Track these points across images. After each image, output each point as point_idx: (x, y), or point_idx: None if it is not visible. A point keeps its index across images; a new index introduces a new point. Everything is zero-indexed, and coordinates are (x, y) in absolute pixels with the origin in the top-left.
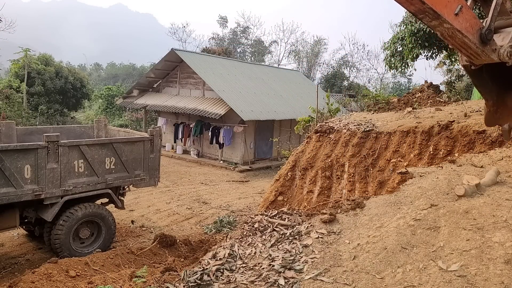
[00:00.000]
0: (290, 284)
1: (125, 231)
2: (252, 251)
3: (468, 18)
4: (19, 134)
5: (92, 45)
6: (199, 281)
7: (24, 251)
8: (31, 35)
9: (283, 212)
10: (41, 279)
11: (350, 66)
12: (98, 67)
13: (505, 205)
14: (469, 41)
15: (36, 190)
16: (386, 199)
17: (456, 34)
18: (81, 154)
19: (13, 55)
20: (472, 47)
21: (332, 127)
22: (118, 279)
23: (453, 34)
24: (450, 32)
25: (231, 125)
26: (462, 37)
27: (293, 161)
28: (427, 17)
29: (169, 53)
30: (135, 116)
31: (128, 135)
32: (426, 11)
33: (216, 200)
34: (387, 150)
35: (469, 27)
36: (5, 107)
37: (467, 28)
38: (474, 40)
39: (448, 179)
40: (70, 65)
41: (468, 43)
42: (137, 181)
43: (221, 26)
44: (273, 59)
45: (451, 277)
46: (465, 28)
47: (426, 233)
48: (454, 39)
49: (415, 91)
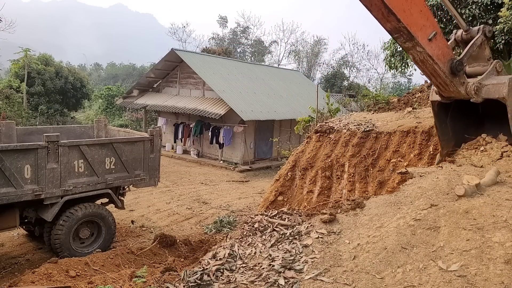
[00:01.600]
0: (290, 284)
1: (125, 231)
2: (252, 251)
3: (441, 46)
4: (19, 134)
5: (93, 45)
6: (199, 281)
7: (24, 251)
8: (32, 35)
9: (283, 212)
10: (41, 279)
11: (350, 66)
12: (98, 67)
13: (505, 205)
14: (439, 69)
15: (36, 190)
16: (386, 199)
17: (427, 60)
18: (81, 154)
19: (13, 55)
20: (442, 76)
21: (332, 127)
22: (118, 279)
23: (425, 59)
24: (422, 56)
25: (231, 125)
26: (433, 63)
27: (293, 161)
28: (401, 37)
29: (169, 53)
30: (135, 116)
31: (128, 135)
32: (401, 30)
33: (216, 200)
34: (387, 150)
35: (440, 55)
36: (5, 107)
37: (439, 55)
38: (444, 69)
39: (448, 179)
40: (70, 65)
41: (438, 71)
42: (137, 181)
43: (221, 26)
44: (273, 59)
45: (451, 277)
46: (437, 55)
47: (426, 233)
48: (425, 64)
49: (415, 91)
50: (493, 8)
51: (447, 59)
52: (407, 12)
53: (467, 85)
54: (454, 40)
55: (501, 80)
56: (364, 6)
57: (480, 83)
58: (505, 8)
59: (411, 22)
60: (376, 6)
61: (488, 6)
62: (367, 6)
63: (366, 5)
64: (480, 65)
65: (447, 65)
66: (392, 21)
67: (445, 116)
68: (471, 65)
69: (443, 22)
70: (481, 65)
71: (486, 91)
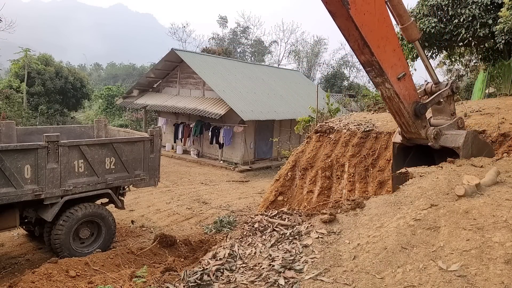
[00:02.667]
0: (290, 284)
1: (125, 231)
2: (252, 251)
3: (408, 87)
4: (19, 134)
5: (93, 45)
6: (199, 281)
7: (24, 251)
8: (32, 35)
9: (283, 212)
10: (41, 279)
11: (350, 66)
12: (98, 67)
13: (505, 205)
14: (403, 109)
15: (36, 190)
16: (386, 199)
17: (394, 97)
18: (81, 154)
19: (13, 55)
20: (405, 115)
21: (332, 127)
22: (118, 279)
23: (392, 97)
24: (390, 93)
25: (231, 125)
26: (399, 102)
27: (293, 161)
28: (373, 71)
29: (169, 53)
30: (135, 116)
31: (128, 135)
32: (373, 64)
33: (216, 200)
34: (387, 150)
35: (407, 95)
36: (5, 107)
37: (405, 96)
38: (408, 109)
39: (448, 179)
40: (70, 65)
41: (402, 110)
42: (137, 181)
43: (221, 26)
44: (273, 59)
45: (451, 277)
46: (403, 95)
47: (426, 233)
48: (391, 102)
49: None
50: (493, 8)
51: (413, 101)
52: (381, 48)
53: (428, 129)
54: (423, 91)
55: (459, 132)
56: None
57: (440, 130)
58: (505, 8)
59: (384, 58)
60: (354, 37)
61: (488, 6)
62: (345, 36)
63: (344, 35)
64: (444, 119)
65: (411, 106)
66: (366, 53)
67: (402, 161)
68: (436, 117)
69: (443, 22)
70: (444, 119)
71: (444, 139)
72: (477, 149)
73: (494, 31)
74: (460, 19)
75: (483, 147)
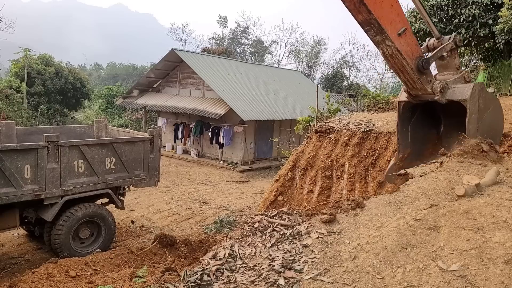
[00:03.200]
0: (290, 284)
1: (125, 231)
2: (252, 251)
3: (410, 42)
4: (19, 134)
5: (93, 45)
6: (199, 281)
7: (24, 251)
8: (32, 35)
9: (283, 212)
10: (41, 279)
11: (350, 66)
12: (98, 67)
13: (505, 205)
14: (407, 65)
15: (36, 190)
16: (386, 199)
17: (396, 55)
18: (81, 154)
19: (13, 55)
20: (409, 72)
21: (332, 127)
22: (118, 279)
23: (394, 54)
24: (391, 51)
25: (231, 125)
26: (401, 58)
27: (293, 161)
28: (372, 30)
29: (169, 53)
30: (135, 116)
31: (128, 135)
32: (372, 23)
33: (216, 200)
34: (387, 150)
35: (409, 51)
36: (5, 107)
37: (407, 51)
38: (412, 65)
39: (448, 179)
40: (70, 65)
41: (406, 67)
42: (137, 181)
43: (221, 26)
44: (273, 59)
45: (451, 277)
46: (405, 51)
47: (426, 233)
48: (394, 59)
49: None
50: (493, 8)
51: (415, 56)
52: (378, 5)
53: (434, 83)
54: (426, 47)
55: (466, 85)
56: None
57: (447, 84)
58: (505, 8)
59: (382, 15)
60: None
61: (488, 6)
62: None
63: None
64: (450, 74)
65: (414, 62)
66: (363, 12)
67: (408, 121)
68: (442, 73)
69: (443, 22)
70: (450, 74)
71: (450, 93)
72: (484, 102)
73: (494, 31)
74: (460, 19)
75: (490, 100)
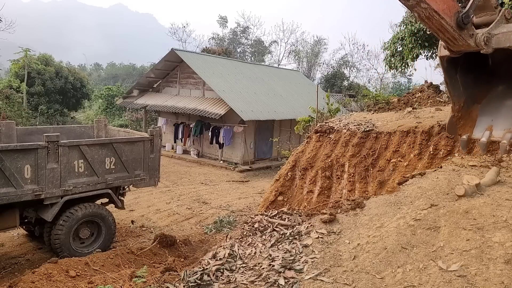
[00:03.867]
0: (290, 284)
1: (125, 231)
2: (252, 251)
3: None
4: (19, 134)
5: (93, 45)
6: (199, 281)
7: (24, 251)
8: (32, 35)
9: (283, 212)
10: (41, 279)
11: (350, 66)
12: (98, 67)
13: (505, 205)
14: (446, 24)
15: (36, 190)
16: (386, 199)
17: (433, 15)
18: (81, 154)
19: (13, 55)
20: (449, 30)
21: (332, 127)
22: (118, 279)
23: (430, 15)
24: (427, 13)
25: (231, 125)
26: (439, 18)
27: (293, 161)
28: None
29: (169, 53)
30: (135, 116)
31: (128, 135)
32: None
33: (216, 200)
34: (387, 150)
35: (446, 9)
36: (5, 107)
37: (444, 10)
38: (451, 23)
39: (448, 179)
40: (70, 65)
41: (445, 26)
42: (137, 181)
43: (221, 26)
44: (273, 59)
45: (451, 277)
46: (442, 10)
47: (426, 233)
48: (431, 20)
49: (415, 91)
50: None
51: (453, 13)
52: None
53: (476, 37)
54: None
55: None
56: None
57: (490, 33)
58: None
59: None
60: None
61: None
62: None
63: None
64: (488, 14)
65: (453, 19)
66: None
67: (454, 71)
68: (478, 15)
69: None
70: (488, 14)
71: (496, 41)
72: None
73: None
74: None
75: None
